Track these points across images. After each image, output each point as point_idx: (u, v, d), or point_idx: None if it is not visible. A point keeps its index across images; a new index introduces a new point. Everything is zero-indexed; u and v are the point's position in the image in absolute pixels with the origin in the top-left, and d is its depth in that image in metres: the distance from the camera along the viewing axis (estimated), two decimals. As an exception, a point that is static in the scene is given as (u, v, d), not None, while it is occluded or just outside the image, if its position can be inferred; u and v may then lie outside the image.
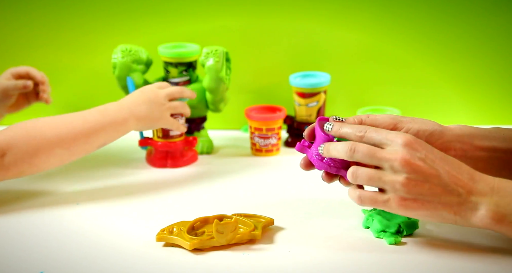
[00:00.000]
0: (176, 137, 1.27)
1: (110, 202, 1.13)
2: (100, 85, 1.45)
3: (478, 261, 0.91)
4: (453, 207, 0.88)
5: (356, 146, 0.90)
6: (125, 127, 1.16)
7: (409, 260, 0.93)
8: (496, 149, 0.96)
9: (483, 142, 0.96)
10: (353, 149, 0.90)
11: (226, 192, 1.16)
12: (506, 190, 0.87)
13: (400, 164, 0.87)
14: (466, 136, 0.96)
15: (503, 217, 0.87)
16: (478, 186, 0.88)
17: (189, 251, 0.95)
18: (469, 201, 0.88)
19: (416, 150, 0.88)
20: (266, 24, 1.41)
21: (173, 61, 1.31)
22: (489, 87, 1.42)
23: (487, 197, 0.87)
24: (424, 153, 0.88)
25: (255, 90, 1.45)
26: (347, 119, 0.96)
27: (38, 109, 1.48)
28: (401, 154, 0.87)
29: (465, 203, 0.88)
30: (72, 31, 1.43)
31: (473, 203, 0.88)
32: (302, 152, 0.98)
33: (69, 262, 0.94)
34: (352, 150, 0.90)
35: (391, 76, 1.43)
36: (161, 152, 1.28)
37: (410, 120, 0.96)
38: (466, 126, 0.97)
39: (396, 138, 0.89)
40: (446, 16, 1.38)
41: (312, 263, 0.92)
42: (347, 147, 0.90)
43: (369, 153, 0.89)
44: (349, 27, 1.40)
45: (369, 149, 0.89)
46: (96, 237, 1.00)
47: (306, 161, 0.98)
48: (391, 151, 0.88)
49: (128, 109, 1.16)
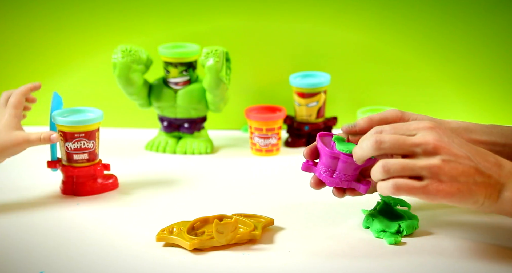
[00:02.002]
0: (81, 162, 1.13)
1: (110, 202, 1.13)
2: (100, 85, 1.45)
3: (478, 261, 0.91)
4: (486, 188, 0.87)
5: (381, 137, 0.88)
6: None
7: (409, 260, 0.93)
8: (495, 144, 0.97)
9: (481, 136, 0.97)
10: (379, 141, 0.88)
11: (226, 192, 1.16)
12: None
13: (433, 147, 0.86)
14: (463, 130, 0.97)
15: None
16: (505, 169, 0.88)
17: (189, 251, 0.95)
18: (498, 183, 0.87)
19: (443, 134, 0.87)
20: (266, 24, 1.41)
21: (173, 61, 1.32)
22: (489, 87, 1.42)
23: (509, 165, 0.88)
24: (450, 137, 0.87)
25: (255, 90, 1.45)
26: (357, 122, 0.96)
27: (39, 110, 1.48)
28: (432, 137, 0.86)
29: (496, 184, 0.87)
30: (72, 31, 1.43)
31: (501, 184, 0.87)
32: (309, 171, 0.98)
33: (69, 262, 0.94)
34: (379, 142, 0.88)
35: (391, 76, 1.43)
36: (67, 177, 1.15)
37: (411, 114, 0.97)
38: (462, 121, 0.98)
39: (420, 125, 0.88)
40: (446, 16, 1.38)
41: (312, 263, 0.92)
42: (373, 140, 0.88)
43: (397, 141, 0.87)
44: (349, 27, 1.40)
45: (397, 137, 0.88)
46: (96, 237, 1.00)
47: (316, 180, 0.98)
48: (420, 136, 0.87)
49: None
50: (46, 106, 1.47)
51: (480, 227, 0.99)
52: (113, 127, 1.47)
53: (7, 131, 1.10)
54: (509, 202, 0.87)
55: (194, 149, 1.35)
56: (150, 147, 1.36)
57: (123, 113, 1.47)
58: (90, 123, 1.13)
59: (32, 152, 1.20)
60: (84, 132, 1.12)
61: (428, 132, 0.87)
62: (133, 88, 1.30)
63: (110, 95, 1.44)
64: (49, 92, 1.47)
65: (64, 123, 1.12)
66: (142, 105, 1.35)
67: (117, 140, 1.41)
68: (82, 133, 1.12)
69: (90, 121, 1.13)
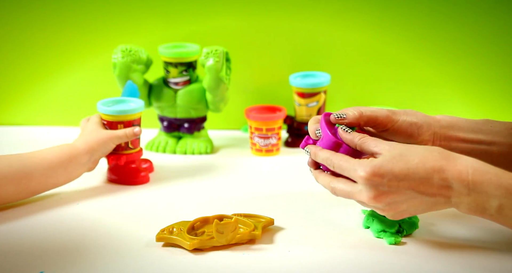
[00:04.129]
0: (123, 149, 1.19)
1: (110, 202, 1.13)
2: (100, 85, 1.45)
3: (478, 261, 0.91)
4: (436, 206, 0.90)
5: (334, 190, 0.94)
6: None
7: (409, 260, 0.93)
8: (481, 142, 0.98)
9: (467, 134, 0.98)
10: (332, 191, 0.95)
11: (226, 192, 1.16)
12: (482, 186, 0.87)
13: (373, 201, 0.91)
14: (451, 128, 0.98)
15: (484, 210, 0.88)
16: (454, 187, 0.88)
17: (189, 251, 0.95)
18: (449, 202, 0.89)
19: (379, 183, 0.89)
20: (266, 24, 1.41)
21: (173, 61, 1.31)
22: (489, 87, 1.42)
23: (465, 197, 0.88)
24: (386, 182, 0.89)
25: (255, 90, 1.45)
26: (347, 113, 0.97)
27: (39, 110, 1.48)
28: (367, 194, 0.90)
29: (446, 204, 0.89)
30: (72, 31, 1.43)
31: (453, 203, 0.89)
32: None
33: (69, 262, 0.94)
34: (334, 191, 0.94)
35: (391, 76, 1.43)
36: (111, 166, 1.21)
37: (403, 113, 0.99)
38: (453, 118, 0.99)
39: (358, 174, 0.90)
40: (446, 16, 1.38)
41: (312, 263, 0.93)
42: (327, 187, 0.95)
43: (346, 195, 0.93)
44: (349, 27, 1.40)
45: (346, 192, 0.93)
46: (96, 237, 1.00)
47: (313, 160, 0.98)
48: (360, 193, 0.91)
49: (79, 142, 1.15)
50: (46, 106, 1.48)
51: (481, 227, 0.99)
52: (113, 127, 1.47)
53: (95, 130, 1.16)
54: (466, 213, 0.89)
55: (194, 149, 1.35)
56: (150, 147, 1.36)
57: (123, 113, 1.47)
58: (131, 113, 1.18)
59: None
60: (124, 121, 1.18)
61: (364, 188, 0.90)
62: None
63: (110, 95, 1.44)
64: (49, 92, 1.48)
65: (108, 113, 1.18)
66: (142, 105, 1.35)
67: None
68: (123, 123, 1.18)
69: (131, 111, 1.18)
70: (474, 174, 0.87)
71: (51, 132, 1.45)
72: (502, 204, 0.86)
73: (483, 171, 0.87)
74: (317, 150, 0.96)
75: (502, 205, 0.86)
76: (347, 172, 0.92)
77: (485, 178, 0.87)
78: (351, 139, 0.94)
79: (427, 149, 0.90)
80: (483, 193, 0.87)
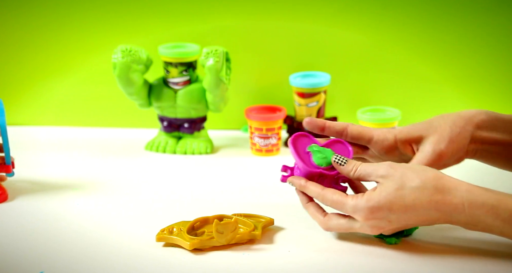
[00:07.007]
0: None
1: (110, 202, 1.13)
2: (100, 85, 1.45)
3: (478, 262, 0.91)
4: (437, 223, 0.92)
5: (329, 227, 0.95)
6: None
7: (409, 260, 0.93)
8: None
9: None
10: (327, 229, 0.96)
11: (226, 192, 1.16)
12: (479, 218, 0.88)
13: (372, 233, 0.93)
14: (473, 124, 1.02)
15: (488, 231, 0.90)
16: (453, 217, 0.89)
17: (189, 251, 0.95)
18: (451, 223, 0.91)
19: (379, 221, 0.91)
20: (266, 24, 1.41)
21: (173, 61, 1.31)
22: (489, 87, 1.41)
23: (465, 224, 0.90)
24: (385, 217, 0.91)
25: (255, 90, 1.45)
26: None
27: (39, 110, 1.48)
28: (369, 230, 0.92)
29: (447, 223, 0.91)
30: (72, 31, 1.43)
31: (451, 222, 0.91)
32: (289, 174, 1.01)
33: (69, 262, 0.94)
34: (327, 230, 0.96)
35: (391, 76, 1.43)
36: None
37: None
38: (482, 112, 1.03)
39: (354, 216, 0.92)
40: (446, 17, 1.38)
41: (312, 263, 0.92)
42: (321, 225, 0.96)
43: (345, 229, 0.94)
44: (349, 27, 1.40)
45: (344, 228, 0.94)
46: (96, 237, 1.00)
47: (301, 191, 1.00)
48: (359, 227, 0.93)
49: None
50: (46, 106, 1.48)
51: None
52: (113, 127, 1.47)
53: None
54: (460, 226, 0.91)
55: (194, 149, 1.35)
56: (150, 147, 1.36)
57: (123, 113, 1.47)
58: None
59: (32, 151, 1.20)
60: None
61: (365, 224, 0.92)
62: (133, 88, 1.30)
63: (110, 95, 1.44)
64: (49, 92, 1.48)
65: None
66: (142, 105, 1.35)
67: (117, 140, 1.41)
68: None
69: None
70: (470, 208, 0.88)
71: (51, 132, 1.45)
72: (503, 231, 0.88)
73: (478, 204, 0.88)
74: (302, 182, 0.97)
75: (503, 232, 0.89)
76: (344, 211, 0.93)
77: (482, 211, 0.88)
78: (346, 173, 0.95)
79: (422, 180, 0.90)
80: (482, 222, 0.88)
